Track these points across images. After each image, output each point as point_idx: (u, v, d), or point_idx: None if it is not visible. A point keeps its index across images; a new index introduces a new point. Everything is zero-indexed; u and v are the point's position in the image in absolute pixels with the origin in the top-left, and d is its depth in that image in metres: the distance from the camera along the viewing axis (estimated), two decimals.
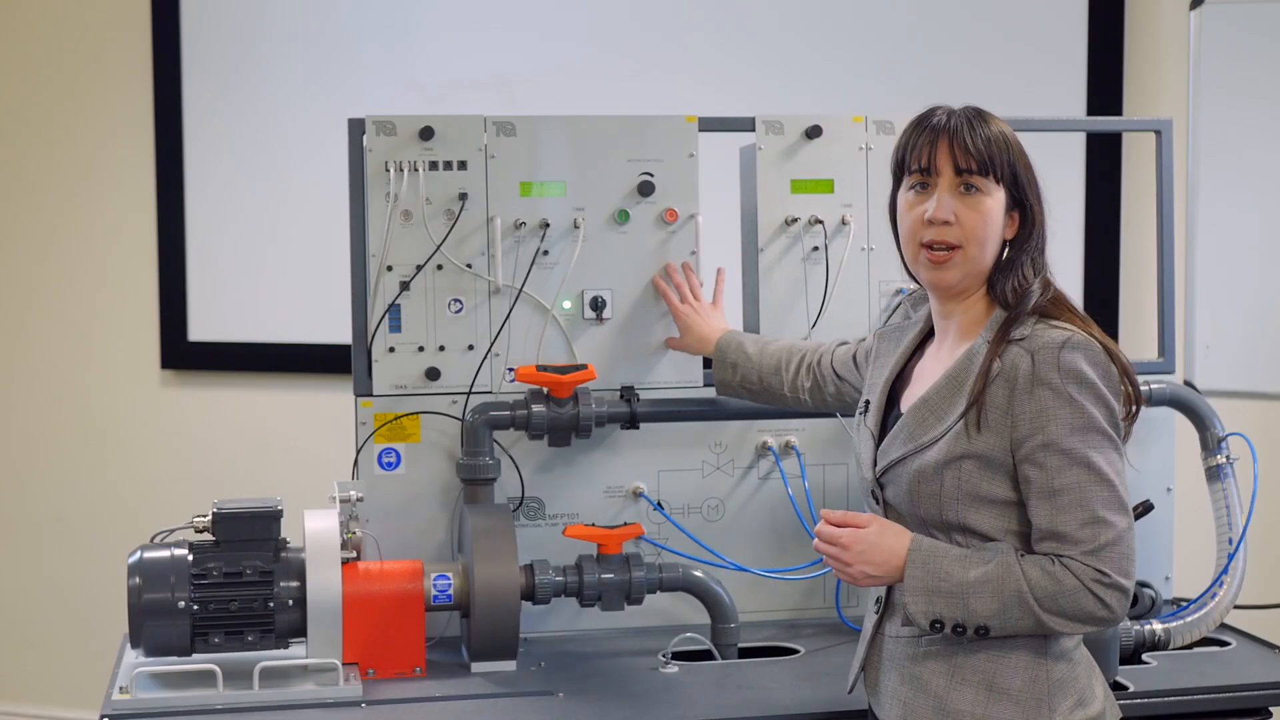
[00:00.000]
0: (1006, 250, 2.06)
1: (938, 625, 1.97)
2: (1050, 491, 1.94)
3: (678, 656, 2.63)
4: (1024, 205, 2.05)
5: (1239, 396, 3.38)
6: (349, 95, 4.23)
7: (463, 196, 2.75)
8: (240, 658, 2.42)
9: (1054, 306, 2.03)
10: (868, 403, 2.19)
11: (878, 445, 2.11)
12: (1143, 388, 2.83)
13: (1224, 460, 2.80)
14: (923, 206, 2.04)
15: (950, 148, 2.02)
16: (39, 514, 4.62)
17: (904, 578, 1.98)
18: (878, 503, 2.11)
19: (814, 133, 2.86)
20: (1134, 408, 2.02)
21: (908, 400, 2.11)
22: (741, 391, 2.66)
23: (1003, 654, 1.99)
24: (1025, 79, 4.00)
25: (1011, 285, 2.03)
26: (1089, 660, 2.08)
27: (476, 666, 2.57)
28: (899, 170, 2.10)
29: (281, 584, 2.42)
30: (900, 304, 2.28)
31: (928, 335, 2.18)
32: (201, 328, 4.46)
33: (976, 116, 2.05)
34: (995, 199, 2.02)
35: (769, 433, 2.87)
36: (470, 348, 2.77)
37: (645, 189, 2.81)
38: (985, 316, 2.06)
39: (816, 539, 2.06)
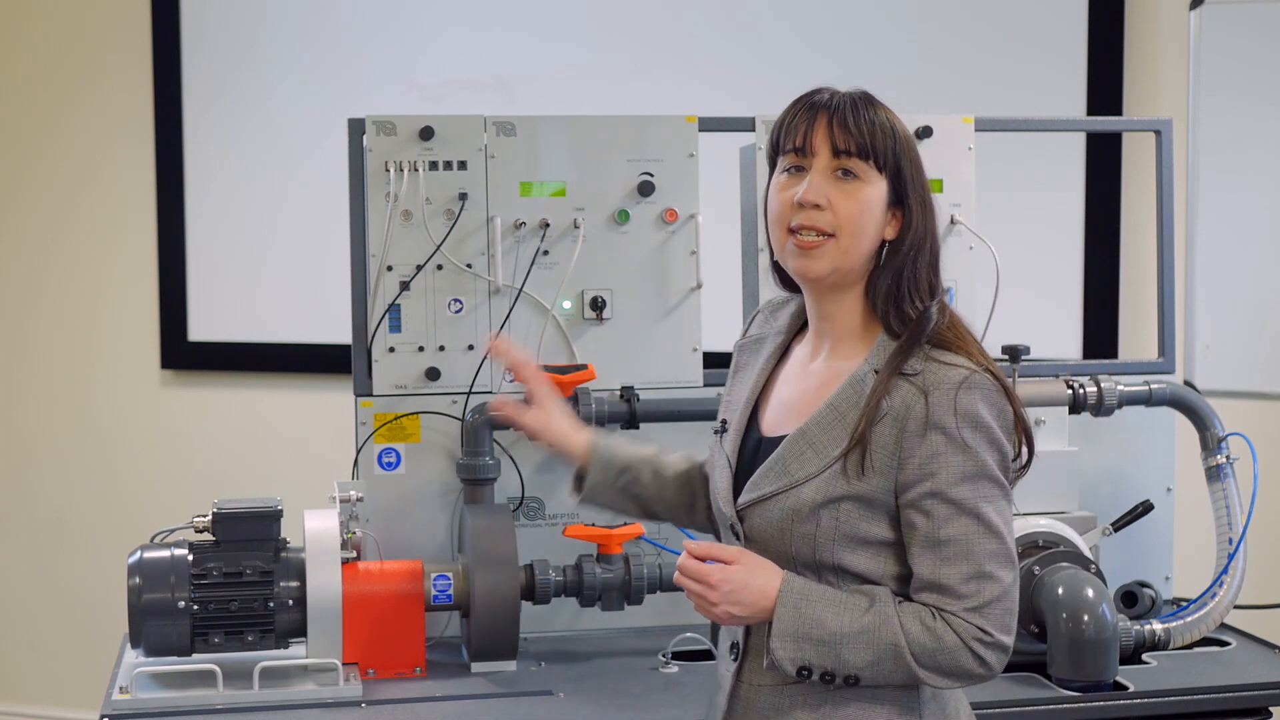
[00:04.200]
0: (885, 253, 1.86)
1: (805, 672, 1.79)
2: (935, 541, 1.78)
3: (678, 656, 2.63)
4: (904, 203, 1.85)
5: (1239, 396, 3.38)
6: (349, 95, 4.22)
7: (463, 196, 2.75)
8: (240, 658, 2.42)
9: (950, 333, 1.84)
10: (725, 422, 1.97)
11: (735, 474, 1.91)
12: (1142, 388, 2.84)
13: (1224, 460, 2.80)
14: (794, 189, 1.83)
15: (829, 127, 1.83)
16: (39, 514, 4.62)
17: (773, 620, 1.80)
18: (736, 537, 1.89)
19: None
20: (1024, 452, 1.85)
21: (770, 421, 1.92)
22: (623, 508, 2.17)
23: (874, 705, 1.83)
24: (1025, 79, 4.00)
25: (897, 310, 1.84)
26: (959, 696, 1.91)
27: (476, 666, 2.57)
28: (774, 152, 1.89)
29: (281, 584, 2.42)
30: (758, 313, 2.06)
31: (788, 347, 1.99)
32: (201, 328, 4.46)
33: (863, 99, 1.87)
34: (875, 189, 1.83)
35: None
36: (470, 348, 2.77)
37: (645, 189, 2.81)
38: (864, 329, 1.88)
39: (678, 573, 1.84)
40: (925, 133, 2.88)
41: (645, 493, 2.10)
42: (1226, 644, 2.76)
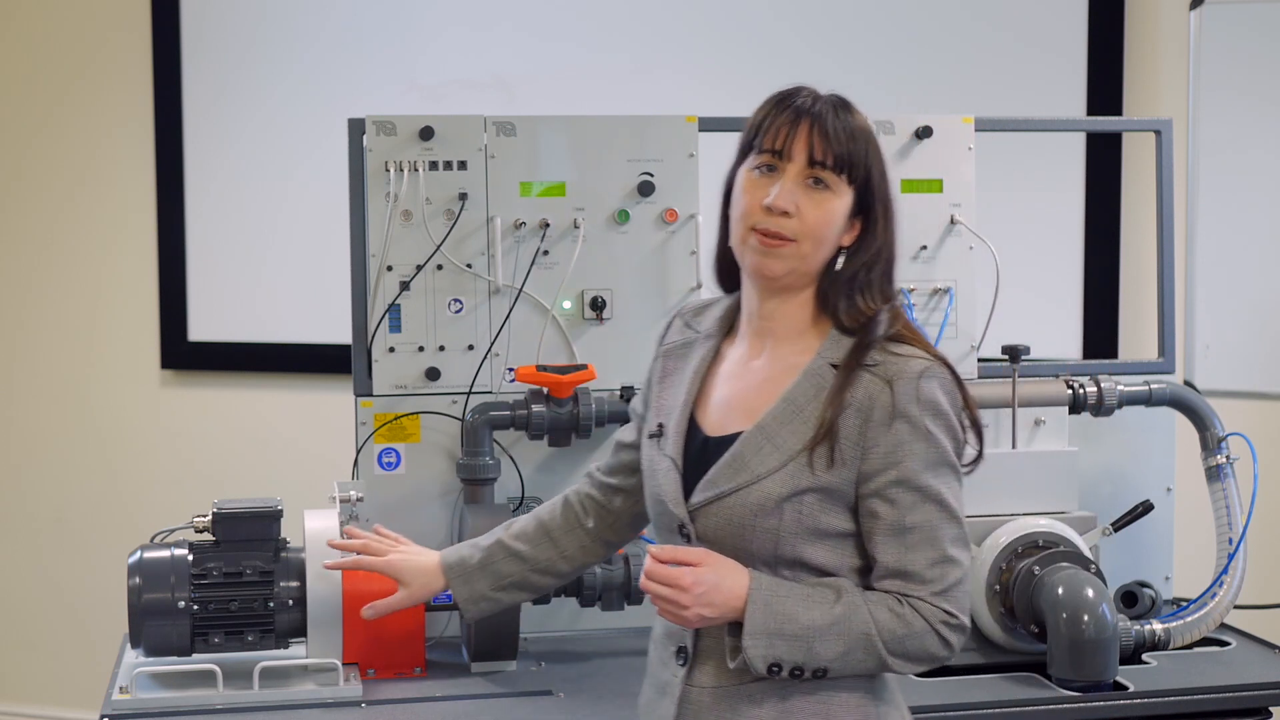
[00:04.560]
0: (841, 259, 1.87)
1: (775, 669, 1.80)
2: (901, 529, 1.80)
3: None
4: (869, 214, 1.87)
5: (1239, 396, 3.38)
6: (349, 95, 4.22)
7: (463, 196, 2.75)
8: (240, 658, 2.42)
9: (905, 330, 1.87)
10: (661, 426, 1.94)
11: (684, 475, 1.90)
12: (1142, 388, 2.84)
13: (1224, 460, 2.80)
14: (765, 191, 1.84)
15: (810, 135, 1.85)
16: (39, 514, 4.62)
17: (744, 619, 1.79)
18: (686, 538, 1.88)
19: None
20: (977, 444, 1.88)
21: (714, 422, 1.91)
22: (512, 600, 2.18)
23: (834, 694, 1.85)
24: (1025, 79, 4.00)
25: (850, 307, 1.86)
26: (898, 688, 1.96)
27: (476, 666, 2.57)
28: (747, 145, 1.90)
29: (281, 584, 2.42)
30: (675, 318, 2.06)
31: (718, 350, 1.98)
32: (201, 328, 4.46)
33: (842, 106, 1.89)
34: (842, 200, 1.85)
35: None
36: (470, 348, 2.77)
37: (645, 189, 2.81)
38: (812, 325, 1.89)
39: (645, 579, 1.82)
40: (925, 133, 2.88)
41: (518, 579, 2.12)
42: (1226, 644, 2.76)
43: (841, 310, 1.87)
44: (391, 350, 2.75)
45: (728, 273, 1.98)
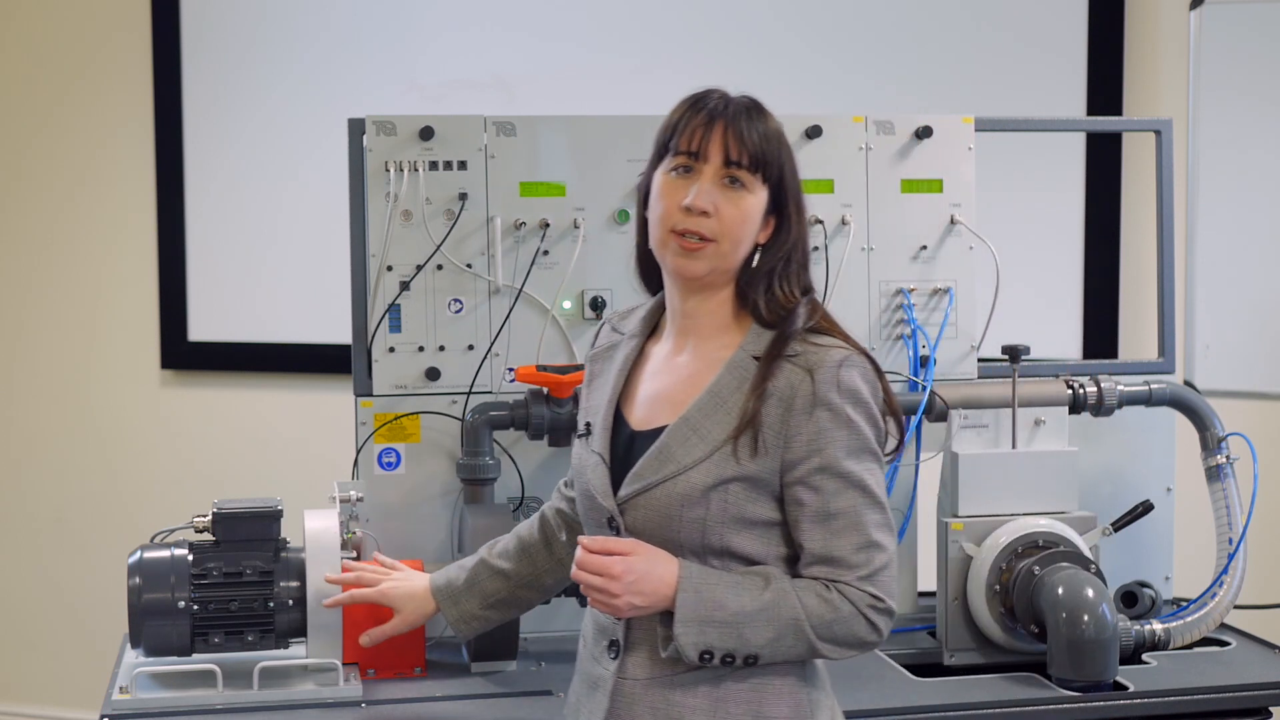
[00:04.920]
0: (758, 255, 1.93)
1: (707, 656, 1.84)
2: (826, 515, 1.85)
3: None
4: (783, 211, 1.93)
5: (1239, 396, 3.38)
6: (349, 95, 4.23)
7: (463, 196, 2.75)
8: (240, 658, 2.42)
9: (825, 323, 1.92)
10: (589, 425, 2.00)
11: (612, 469, 1.94)
12: (1142, 388, 2.84)
13: (1224, 460, 2.80)
14: (683, 192, 1.90)
15: (724, 136, 1.90)
16: (39, 514, 4.62)
17: (675, 607, 1.83)
18: (616, 532, 1.92)
19: (814, 133, 2.86)
20: (897, 433, 1.94)
21: (640, 417, 1.96)
22: (501, 617, 2.27)
23: (766, 681, 1.89)
24: (1025, 79, 4.00)
25: (769, 300, 1.92)
26: (826, 674, 2.00)
27: (476, 666, 2.57)
28: (662, 147, 1.96)
29: (281, 584, 2.42)
30: (604, 324, 2.12)
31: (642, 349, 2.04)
32: (201, 328, 4.46)
33: (754, 108, 1.95)
34: (758, 198, 1.91)
35: None
36: (470, 348, 2.77)
37: None
38: (734, 320, 1.95)
39: (576, 568, 1.87)
40: (925, 133, 2.88)
41: (505, 596, 2.22)
42: (1226, 644, 2.76)
43: (761, 304, 1.92)
44: (391, 350, 2.75)
45: (650, 274, 2.04)
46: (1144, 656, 2.65)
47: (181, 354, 4.49)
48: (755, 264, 1.93)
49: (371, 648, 2.33)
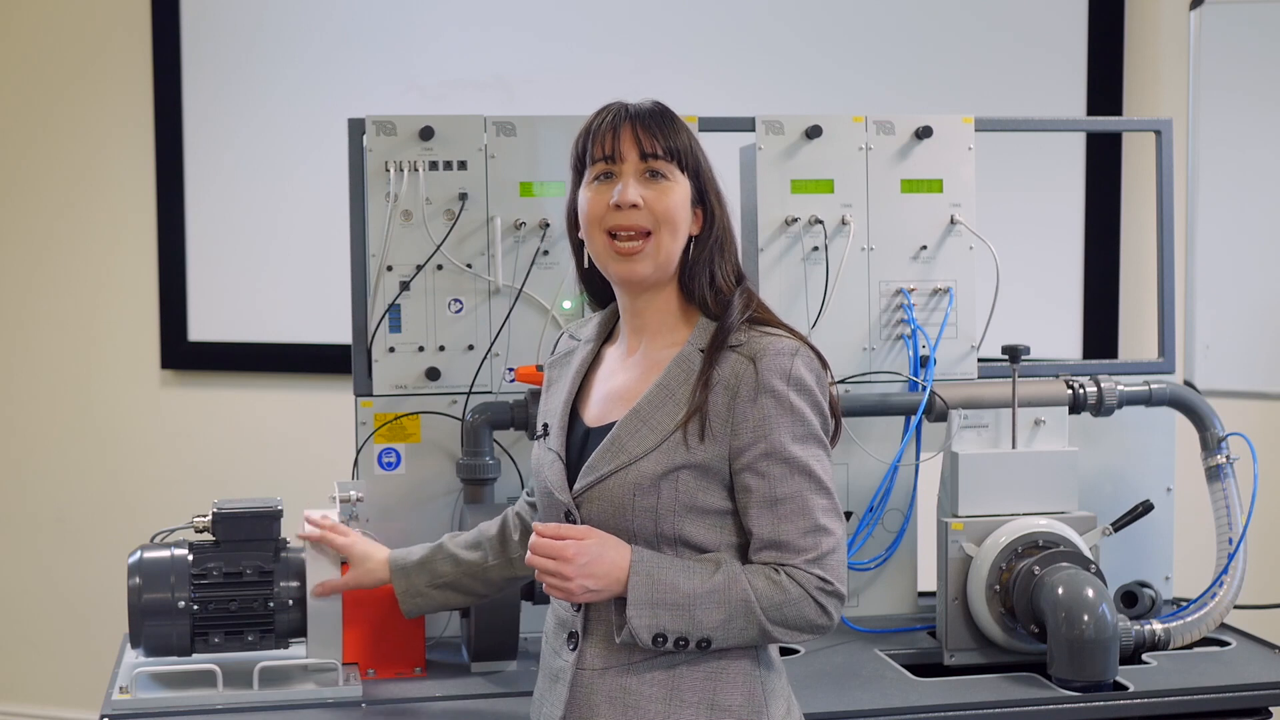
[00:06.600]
0: (693, 248, 1.99)
1: (660, 639, 1.88)
2: (772, 500, 1.90)
3: None
4: (706, 201, 1.99)
5: (1239, 396, 3.38)
6: (349, 95, 4.23)
7: (463, 196, 2.75)
8: (240, 658, 2.42)
9: (766, 314, 1.99)
10: (546, 426, 2.06)
11: (568, 465, 2.00)
12: (1142, 388, 2.84)
13: (1224, 460, 2.80)
14: (608, 194, 1.96)
15: (634, 133, 1.97)
16: (39, 514, 4.62)
17: (627, 590, 1.88)
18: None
19: (814, 133, 2.86)
20: (834, 421, 1.97)
21: (595, 415, 2.02)
22: (445, 602, 2.33)
23: (721, 668, 1.93)
24: (1025, 79, 4.00)
25: (714, 291, 1.98)
26: (782, 664, 2.04)
27: (476, 666, 2.57)
28: (580, 165, 2.02)
29: (281, 584, 2.42)
30: (562, 335, 2.19)
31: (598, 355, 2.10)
32: (201, 328, 4.46)
33: (657, 106, 2.02)
34: (682, 188, 1.97)
35: None
36: (470, 348, 2.78)
37: None
38: (682, 317, 2.01)
39: (530, 553, 1.91)
40: (925, 133, 2.88)
41: (452, 579, 2.29)
42: (1226, 644, 2.76)
43: (707, 296, 1.98)
44: (391, 350, 2.75)
45: (596, 291, 2.11)
46: (1144, 656, 2.65)
47: (181, 354, 4.49)
48: (691, 255, 1.99)
49: (371, 648, 2.33)
